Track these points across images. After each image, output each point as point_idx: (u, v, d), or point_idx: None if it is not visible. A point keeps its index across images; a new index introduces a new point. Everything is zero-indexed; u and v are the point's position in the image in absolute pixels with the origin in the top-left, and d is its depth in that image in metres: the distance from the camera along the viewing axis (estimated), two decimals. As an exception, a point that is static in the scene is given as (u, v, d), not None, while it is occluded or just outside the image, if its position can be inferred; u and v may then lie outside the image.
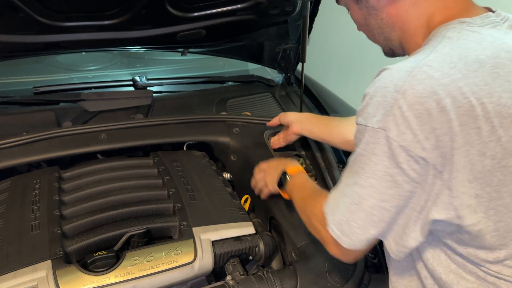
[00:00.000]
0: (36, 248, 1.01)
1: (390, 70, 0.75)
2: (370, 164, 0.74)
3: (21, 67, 2.07)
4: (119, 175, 1.28)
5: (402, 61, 0.77)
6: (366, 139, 0.74)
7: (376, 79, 0.77)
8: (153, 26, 1.58)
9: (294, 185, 1.11)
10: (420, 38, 0.84)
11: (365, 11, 0.88)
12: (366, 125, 0.74)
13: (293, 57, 1.93)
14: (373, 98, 0.74)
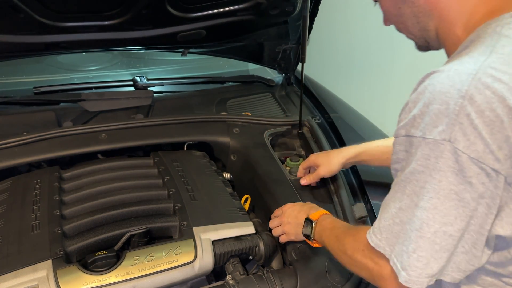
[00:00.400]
0: (36, 248, 1.01)
1: (446, 73, 0.67)
2: (433, 182, 0.66)
3: (21, 67, 2.07)
4: (120, 175, 1.28)
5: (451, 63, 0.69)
6: (425, 153, 0.66)
7: (426, 83, 0.69)
8: (153, 26, 1.58)
9: (322, 229, 1.01)
10: (460, 29, 0.76)
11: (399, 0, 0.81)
12: (425, 137, 0.66)
13: (293, 57, 1.93)
14: (430, 106, 0.66)
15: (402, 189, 0.71)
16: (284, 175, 1.36)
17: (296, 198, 1.26)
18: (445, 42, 0.80)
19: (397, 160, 0.74)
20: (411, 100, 0.70)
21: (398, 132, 0.72)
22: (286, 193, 1.29)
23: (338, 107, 1.89)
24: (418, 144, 0.67)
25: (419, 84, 0.71)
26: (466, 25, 0.75)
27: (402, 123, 0.71)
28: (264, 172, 1.37)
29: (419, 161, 0.67)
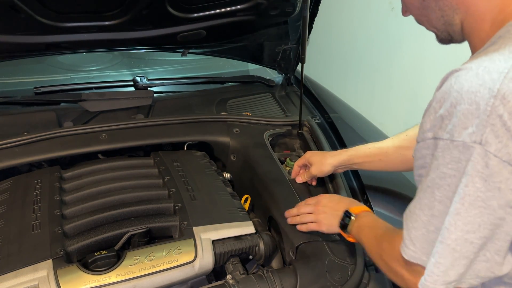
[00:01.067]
0: (37, 248, 1.02)
1: (474, 71, 0.63)
2: (460, 187, 0.63)
3: (22, 68, 2.08)
4: (120, 175, 1.29)
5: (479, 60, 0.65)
6: (454, 156, 0.63)
7: (452, 82, 0.65)
8: (153, 26, 1.59)
9: (361, 226, 0.99)
10: (488, 24, 0.72)
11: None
12: (453, 140, 0.62)
13: (293, 58, 1.93)
14: (457, 106, 0.62)
15: (430, 195, 0.68)
16: (283, 175, 1.37)
17: (295, 198, 1.27)
18: (471, 37, 0.76)
19: (424, 165, 0.70)
20: (436, 99, 0.67)
21: (425, 136, 0.68)
22: (285, 193, 1.29)
23: (338, 107, 1.90)
24: (446, 147, 0.64)
25: (443, 82, 0.67)
26: (495, 20, 0.71)
27: (427, 125, 0.67)
28: (263, 172, 1.37)
29: (450, 164, 0.64)
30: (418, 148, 0.71)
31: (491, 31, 0.71)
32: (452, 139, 0.63)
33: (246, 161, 1.46)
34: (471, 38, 0.76)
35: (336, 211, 1.08)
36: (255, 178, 1.38)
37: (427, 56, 2.65)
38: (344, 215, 1.05)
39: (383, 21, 3.03)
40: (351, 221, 1.02)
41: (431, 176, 0.67)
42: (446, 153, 0.64)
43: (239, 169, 1.49)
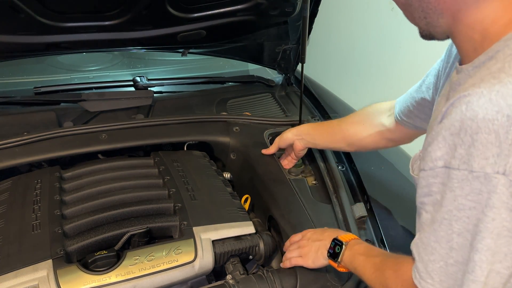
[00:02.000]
0: (37, 248, 1.02)
1: (486, 97, 0.60)
2: (485, 220, 0.61)
3: (22, 68, 2.08)
4: (120, 175, 1.29)
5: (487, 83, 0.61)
6: (474, 187, 0.61)
7: (463, 109, 0.61)
8: (153, 26, 1.59)
9: (354, 254, 0.94)
10: (479, 35, 0.69)
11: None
12: (472, 171, 0.60)
13: (293, 58, 1.93)
14: (474, 136, 0.60)
15: (448, 228, 0.65)
16: (283, 174, 1.37)
17: (295, 198, 1.27)
18: (461, 44, 0.74)
19: (429, 193, 0.68)
20: (445, 127, 0.63)
21: (434, 164, 0.65)
22: (285, 192, 1.29)
23: (338, 107, 1.90)
24: (464, 178, 0.61)
25: (450, 108, 0.64)
26: (487, 31, 0.68)
27: (437, 153, 0.65)
28: (263, 172, 1.37)
29: (469, 196, 0.61)
30: (424, 176, 0.68)
31: (483, 42, 0.69)
32: (471, 170, 0.60)
33: (246, 160, 1.46)
34: (461, 45, 0.75)
35: (322, 242, 1.03)
36: (255, 178, 1.38)
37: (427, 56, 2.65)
38: (333, 243, 0.99)
39: (383, 21, 3.03)
40: (342, 249, 0.96)
41: (447, 207, 0.65)
42: (465, 184, 0.62)
43: (239, 168, 1.49)
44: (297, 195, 1.28)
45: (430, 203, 0.68)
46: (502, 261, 0.62)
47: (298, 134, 1.38)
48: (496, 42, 0.67)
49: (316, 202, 1.29)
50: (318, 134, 1.35)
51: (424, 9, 0.72)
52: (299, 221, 1.19)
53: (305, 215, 1.21)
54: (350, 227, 1.19)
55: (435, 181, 0.66)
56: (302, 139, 1.37)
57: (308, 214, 1.22)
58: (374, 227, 1.23)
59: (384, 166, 1.46)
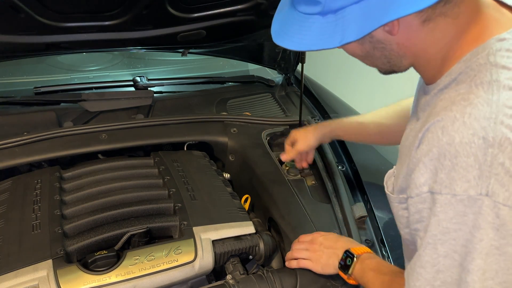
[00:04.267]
0: (37, 248, 1.02)
1: (459, 121, 0.62)
2: (474, 241, 0.61)
3: (22, 68, 2.08)
4: (120, 175, 1.29)
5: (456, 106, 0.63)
6: (458, 210, 0.62)
7: (439, 134, 0.63)
8: (153, 26, 1.59)
9: (364, 269, 0.94)
10: (440, 61, 0.72)
11: (369, 45, 0.73)
12: (455, 194, 0.61)
13: (293, 58, 1.93)
14: (453, 159, 0.61)
15: (432, 252, 0.66)
16: (282, 175, 1.37)
17: (294, 199, 1.27)
18: (422, 71, 0.77)
19: (420, 219, 0.68)
20: (423, 153, 0.65)
21: (419, 190, 0.66)
22: (285, 193, 1.29)
23: (338, 107, 1.90)
24: (447, 202, 0.62)
25: (426, 134, 0.66)
26: (447, 56, 0.71)
27: (420, 179, 0.66)
28: (262, 173, 1.37)
29: (454, 219, 0.62)
30: (412, 203, 0.69)
31: (445, 66, 0.71)
32: (454, 193, 0.61)
33: (244, 162, 1.46)
34: (421, 71, 0.77)
35: (334, 250, 1.02)
36: (254, 179, 1.38)
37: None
38: (345, 255, 0.99)
39: (383, 21, 3.02)
40: (353, 262, 0.96)
41: (431, 232, 0.65)
42: (448, 208, 0.62)
43: (238, 169, 1.49)
44: (296, 196, 1.28)
45: (422, 228, 0.69)
46: (494, 278, 0.62)
47: (322, 137, 1.32)
48: (457, 63, 0.69)
49: (316, 202, 1.29)
50: (348, 135, 1.33)
51: (387, 56, 0.74)
52: (299, 222, 1.19)
53: (304, 216, 1.21)
54: (350, 227, 1.19)
55: (424, 207, 0.67)
56: (328, 137, 1.34)
57: (307, 214, 1.22)
58: (374, 227, 1.23)
59: (384, 166, 1.46)
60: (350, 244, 1.03)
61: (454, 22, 0.68)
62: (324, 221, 1.22)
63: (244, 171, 1.45)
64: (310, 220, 1.20)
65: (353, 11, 0.64)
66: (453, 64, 0.70)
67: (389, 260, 1.14)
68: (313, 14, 0.67)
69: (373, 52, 0.74)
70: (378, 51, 0.73)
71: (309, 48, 0.69)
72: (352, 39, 0.65)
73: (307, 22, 0.68)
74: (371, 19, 0.63)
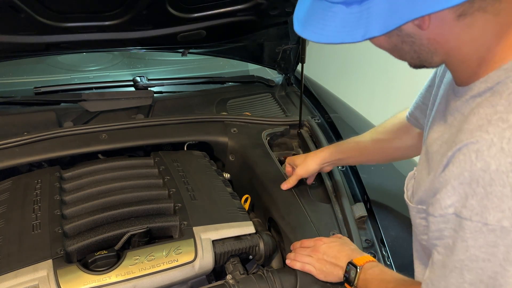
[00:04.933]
0: (37, 248, 1.02)
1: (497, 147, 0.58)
2: (507, 275, 0.59)
3: (22, 68, 2.08)
4: (120, 175, 1.29)
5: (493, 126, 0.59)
6: (489, 240, 0.59)
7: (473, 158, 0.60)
8: (153, 26, 1.59)
9: (368, 279, 0.93)
10: (475, 63, 0.67)
11: (396, 38, 0.67)
12: (487, 224, 0.59)
13: (293, 58, 1.93)
14: (487, 188, 0.58)
15: (459, 276, 0.64)
16: (282, 175, 1.37)
17: (294, 199, 1.27)
18: (455, 70, 0.72)
19: (440, 236, 0.67)
20: (454, 175, 0.62)
21: (444, 212, 0.64)
22: (285, 193, 1.29)
23: (338, 107, 1.90)
24: (477, 230, 0.60)
25: (457, 154, 0.62)
26: (485, 59, 0.65)
27: (447, 201, 0.63)
28: (262, 173, 1.37)
29: (483, 248, 0.60)
30: (434, 222, 0.67)
31: (479, 68, 0.67)
32: (485, 222, 0.59)
33: (244, 162, 1.46)
34: (454, 70, 0.73)
35: (337, 260, 1.02)
36: (254, 179, 1.38)
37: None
38: (348, 267, 0.98)
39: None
40: (357, 273, 0.96)
41: (458, 256, 0.63)
42: (478, 236, 0.60)
43: (238, 169, 1.49)
44: (296, 196, 1.28)
45: (441, 245, 0.67)
46: None
47: (323, 162, 1.28)
48: (495, 70, 0.64)
49: (315, 202, 1.29)
50: (349, 158, 1.28)
51: (417, 51, 0.69)
52: (299, 222, 1.19)
53: (304, 216, 1.21)
54: (350, 227, 1.19)
55: (447, 226, 0.65)
56: (329, 164, 1.30)
57: (307, 214, 1.22)
58: (374, 227, 1.24)
59: (384, 166, 1.46)
60: (353, 254, 1.02)
61: (495, 20, 0.62)
62: (324, 221, 1.22)
63: (244, 171, 1.45)
64: (310, 220, 1.20)
65: (379, 3, 0.59)
66: (491, 69, 0.65)
67: (389, 260, 1.14)
68: (337, 3, 0.62)
69: (402, 46, 0.68)
70: (407, 45, 0.68)
71: (329, 40, 0.64)
72: (375, 34, 0.60)
73: (330, 11, 0.63)
74: (398, 14, 0.58)
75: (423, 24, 0.62)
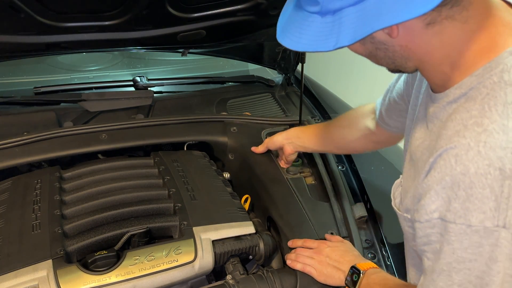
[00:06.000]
0: (37, 248, 1.02)
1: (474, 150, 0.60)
2: (491, 274, 0.61)
3: (22, 68, 2.08)
4: (120, 175, 1.29)
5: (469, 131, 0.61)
6: (473, 241, 0.61)
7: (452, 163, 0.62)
8: (153, 26, 1.59)
9: (370, 284, 0.94)
10: (448, 67, 0.68)
11: (371, 46, 0.70)
12: (470, 225, 0.61)
13: (292, 58, 1.93)
14: (468, 190, 0.60)
15: (447, 279, 0.66)
16: (281, 174, 1.37)
17: (293, 198, 1.26)
18: (430, 77, 0.74)
19: (428, 242, 0.68)
20: (436, 181, 0.64)
21: (430, 217, 0.66)
22: (283, 192, 1.29)
23: (338, 107, 1.90)
24: (462, 232, 0.61)
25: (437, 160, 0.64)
26: (456, 64, 0.67)
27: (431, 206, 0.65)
28: (261, 172, 1.37)
29: (469, 249, 0.62)
30: (421, 228, 0.68)
31: (454, 75, 0.68)
32: (469, 224, 0.61)
33: (244, 161, 1.46)
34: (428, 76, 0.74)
35: (339, 264, 1.02)
36: (253, 178, 1.38)
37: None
38: (351, 271, 0.99)
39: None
40: (360, 278, 0.96)
41: (446, 259, 0.65)
42: (463, 237, 0.62)
43: (238, 168, 1.49)
44: (295, 195, 1.28)
45: (430, 251, 0.69)
46: None
47: (287, 137, 1.36)
48: (468, 76, 0.66)
49: (314, 201, 1.28)
50: (307, 138, 1.33)
51: (391, 57, 0.71)
52: (298, 222, 1.19)
53: (303, 215, 1.21)
54: (350, 227, 1.19)
55: (433, 231, 0.66)
56: (292, 142, 1.35)
57: (306, 214, 1.22)
58: (374, 227, 1.23)
59: (384, 166, 1.46)
60: (356, 260, 1.03)
61: (463, 27, 0.64)
62: (323, 220, 1.21)
63: (243, 170, 1.45)
64: (309, 219, 1.20)
65: (349, 14, 0.62)
66: (463, 75, 0.67)
67: (389, 260, 1.14)
68: (313, 13, 0.65)
69: (376, 52, 0.71)
70: (381, 52, 0.71)
71: (304, 48, 0.67)
72: (346, 44, 0.63)
73: (306, 21, 0.66)
74: (366, 24, 0.60)
75: (392, 33, 0.65)
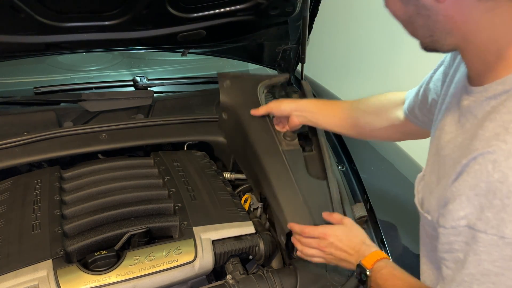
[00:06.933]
0: (37, 248, 1.02)
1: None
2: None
3: (22, 68, 2.08)
4: (120, 175, 1.29)
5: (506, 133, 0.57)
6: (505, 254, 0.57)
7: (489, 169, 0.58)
8: (153, 26, 1.59)
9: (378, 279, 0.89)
10: (493, 56, 0.63)
11: (412, 8, 0.64)
12: (504, 237, 0.57)
13: (293, 58, 1.93)
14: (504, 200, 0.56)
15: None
16: (277, 145, 1.26)
17: (288, 176, 1.19)
18: (471, 63, 0.68)
19: (450, 250, 0.65)
20: (468, 186, 0.60)
21: (457, 223, 0.62)
22: (278, 168, 1.21)
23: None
24: (493, 243, 0.58)
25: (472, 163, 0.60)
26: (502, 54, 0.61)
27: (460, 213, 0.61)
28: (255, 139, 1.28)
29: (498, 262, 0.58)
30: (445, 234, 0.65)
31: (497, 64, 0.63)
32: (502, 235, 0.57)
33: (238, 123, 1.37)
34: (469, 62, 0.69)
35: (347, 255, 0.97)
36: (247, 146, 1.31)
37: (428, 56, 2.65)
38: (359, 270, 0.93)
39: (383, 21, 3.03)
40: (368, 278, 0.92)
41: (469, 270, 0.61)
42: (493, 249, 0.58)
43: (232, 129, 1.42)
44: (289, 171, 1.19)
45: (451, 259, 0.65)
46: None
47: (297, 109, 1.23)
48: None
49: (311, 179, 1.21)
50: (323, 116, 1.22)
51: (431, 27, 0.65)
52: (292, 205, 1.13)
53: (297, 196, 1.14)
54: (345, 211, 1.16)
55: (457, 239, 0.63)
56: (302, 116, 1.23)
57: (300, 194, 1.14)
58: (374, 227, 1.23)
59: (384, 166, 1.46)
60: (362, 247, 0.96)
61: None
62: (318, 202, 1.15)
63: (237, 133, 1.36)
64: (304, 201, 1.13)
65: None
66: (509, 70, 0.61)
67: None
68: None
69: (416, 18, 0.65)
70: (421, 19, 0.64)
71: None
72: None
73: None
74: None
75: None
